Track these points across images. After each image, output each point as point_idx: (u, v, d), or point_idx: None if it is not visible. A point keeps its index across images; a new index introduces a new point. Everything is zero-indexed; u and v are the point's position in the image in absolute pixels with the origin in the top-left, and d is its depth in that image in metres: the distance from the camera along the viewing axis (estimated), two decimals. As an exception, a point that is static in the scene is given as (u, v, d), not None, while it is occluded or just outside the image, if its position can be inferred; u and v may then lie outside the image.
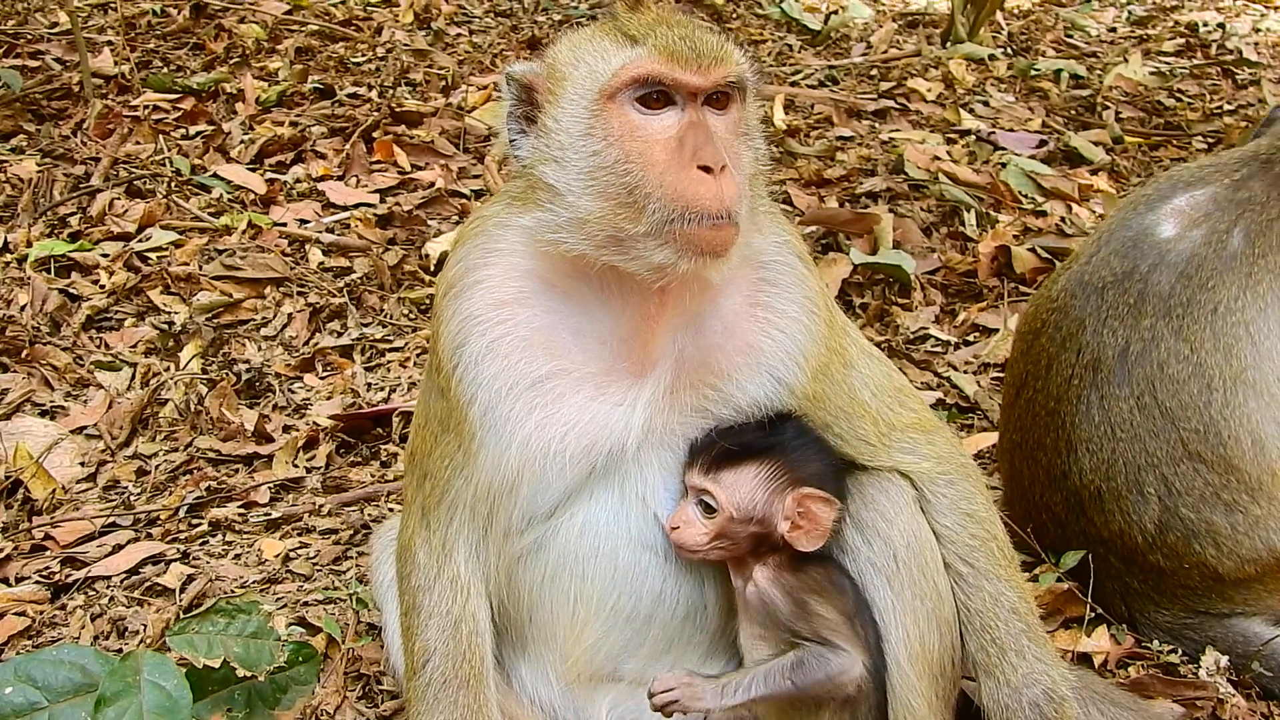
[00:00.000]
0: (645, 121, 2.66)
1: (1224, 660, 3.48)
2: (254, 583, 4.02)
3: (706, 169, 2.58)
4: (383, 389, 5.08)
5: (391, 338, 5.40)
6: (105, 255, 5.86)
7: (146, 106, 7.10)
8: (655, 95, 2.67)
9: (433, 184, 6.52)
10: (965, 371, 5.13)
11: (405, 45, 8.25)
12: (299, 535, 4.30)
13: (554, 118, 2.75)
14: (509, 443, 2.78)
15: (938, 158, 6.76)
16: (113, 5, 8.36)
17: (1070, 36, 9.53)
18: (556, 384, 2.79)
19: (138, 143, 6.82)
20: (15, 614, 3.90)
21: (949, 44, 8.87)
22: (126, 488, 4.58)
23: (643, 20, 2.75)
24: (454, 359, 2.83)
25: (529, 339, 2.80)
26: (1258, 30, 9.91)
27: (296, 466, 4.67)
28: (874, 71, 8.42)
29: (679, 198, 2.59)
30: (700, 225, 2.59)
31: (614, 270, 2.72)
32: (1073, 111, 7.84)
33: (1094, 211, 6.33)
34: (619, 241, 2.67)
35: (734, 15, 9.43)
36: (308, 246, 5.97)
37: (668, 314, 2.78)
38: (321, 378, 5.19)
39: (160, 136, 6.83)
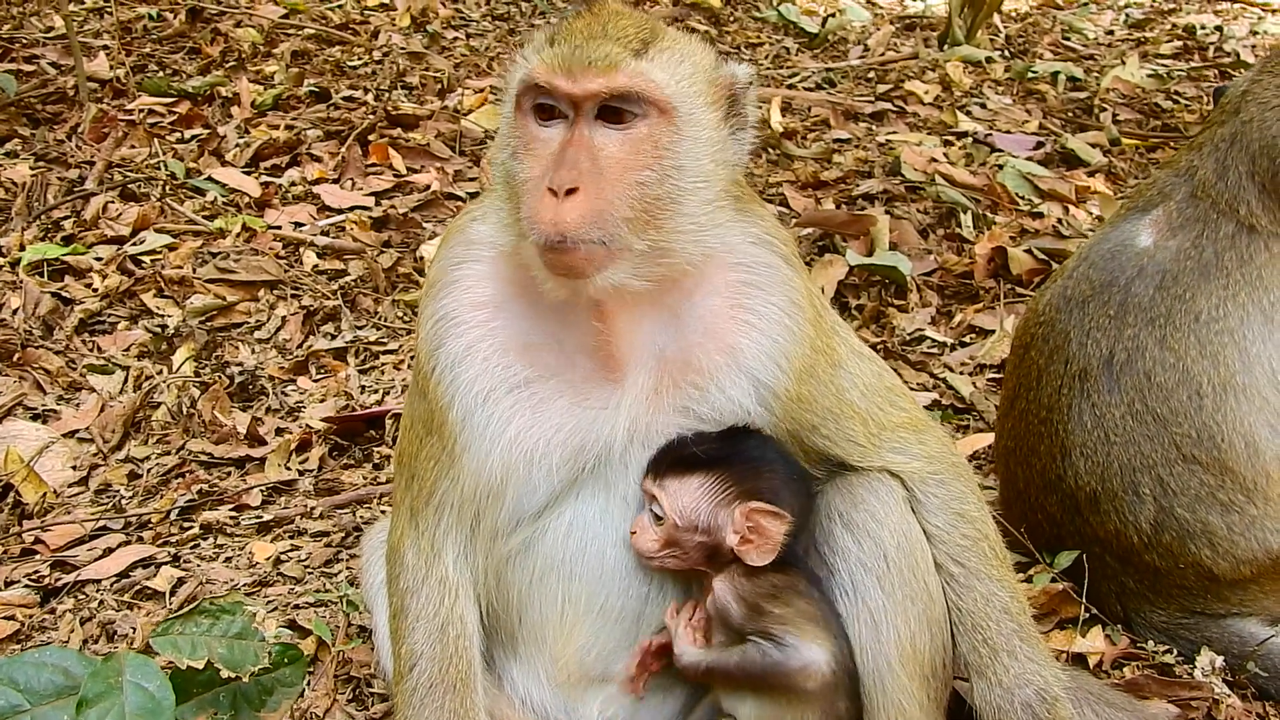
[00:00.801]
0: (537, 133, 2.64)
1: (1219, 660, 3.48)
2: (245, 585, 4.00)
3: (553, 191, 2.53)
4: (376, 391, 5.06)
5: (385, 340, 5.38)
6: (99, 259, 5.84)
7: (141, 110, 7.08)
8: (548, 106, 2.63)
9: (428, 187, 6.50)
10: (961, 373, 5.12)
11: (401, 49, 8.23)
12: (290, 538, 4.28)
13: (500, 116, 2.76)
14: (491, 448, 2.77)
15: (934, 159, 6.73)
16: (108, 9, 8.35)
17: (1068, 39, 9.51)
18: (536, 390, 2.77)
19: (132, 146, 6.80)
20: (4, 618, 3.88)
21: (946, 46, 8.85)
22: (118, 491, 4.56)
23: (570, 26, 2.68)
24: (432, 361, 2.82)
25: (506, 344, 2.78)
26: (1255, 33, 9.88)
27: (289, 469, 4.65)
28: (871, 74, 8.40)
29: (527, 217, 2.59)
30: (540, 248, 2.58)
31: None
32: (1070, 114, 7.82)
33: (1091, 213, 6.30)
34: (524, 249, 2.68)
35: (731, 18, 9.41)
36: (302, 249, 5.95)
37: (619, 321, 2.74)
38: (315, 380, 5.17)
39: (155, 140, 6.80)
